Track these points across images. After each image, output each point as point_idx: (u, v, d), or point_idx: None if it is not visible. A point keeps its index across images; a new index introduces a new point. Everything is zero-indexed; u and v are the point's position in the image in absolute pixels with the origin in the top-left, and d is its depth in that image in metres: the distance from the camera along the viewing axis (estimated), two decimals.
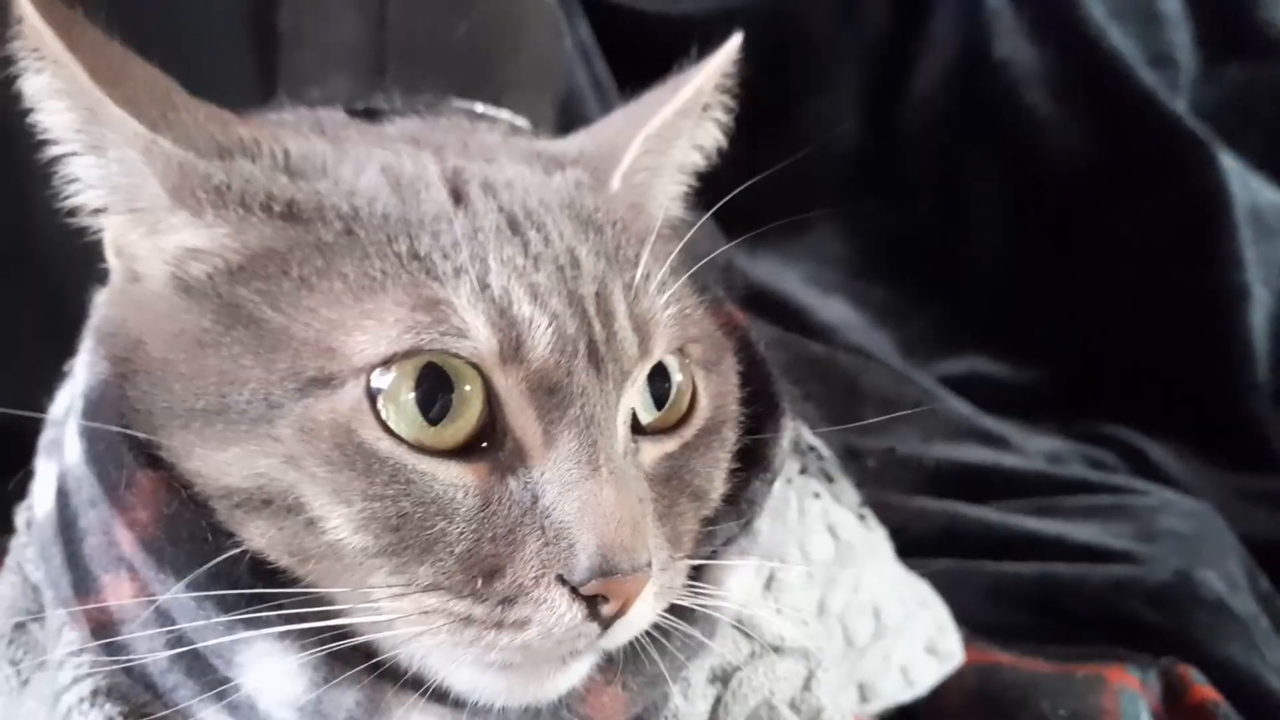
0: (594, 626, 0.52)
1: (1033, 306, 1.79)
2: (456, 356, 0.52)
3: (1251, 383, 1.62)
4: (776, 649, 0.67)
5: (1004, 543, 1.21)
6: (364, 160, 0.58)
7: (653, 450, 0.59)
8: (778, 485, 0.68)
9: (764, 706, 0.65)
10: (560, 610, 0.51)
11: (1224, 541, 1.23)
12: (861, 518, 0.91)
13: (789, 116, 1.91)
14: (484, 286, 0.53)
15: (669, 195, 0.69)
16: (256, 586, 0.53)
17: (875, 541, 0.97)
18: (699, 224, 0.67)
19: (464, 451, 0.53)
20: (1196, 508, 1.30)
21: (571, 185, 0.62)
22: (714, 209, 0.69)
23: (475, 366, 0.53)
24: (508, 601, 0.51)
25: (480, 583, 0.51)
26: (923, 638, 0.99)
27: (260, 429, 0.52)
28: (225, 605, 0.53)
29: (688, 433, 0.60)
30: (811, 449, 0.89)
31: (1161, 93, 1.75)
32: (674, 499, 0.59)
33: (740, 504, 0.64)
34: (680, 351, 0.61)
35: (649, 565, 0.52)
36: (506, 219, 0.57)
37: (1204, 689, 0.97)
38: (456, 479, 0.52)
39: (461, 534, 0.52)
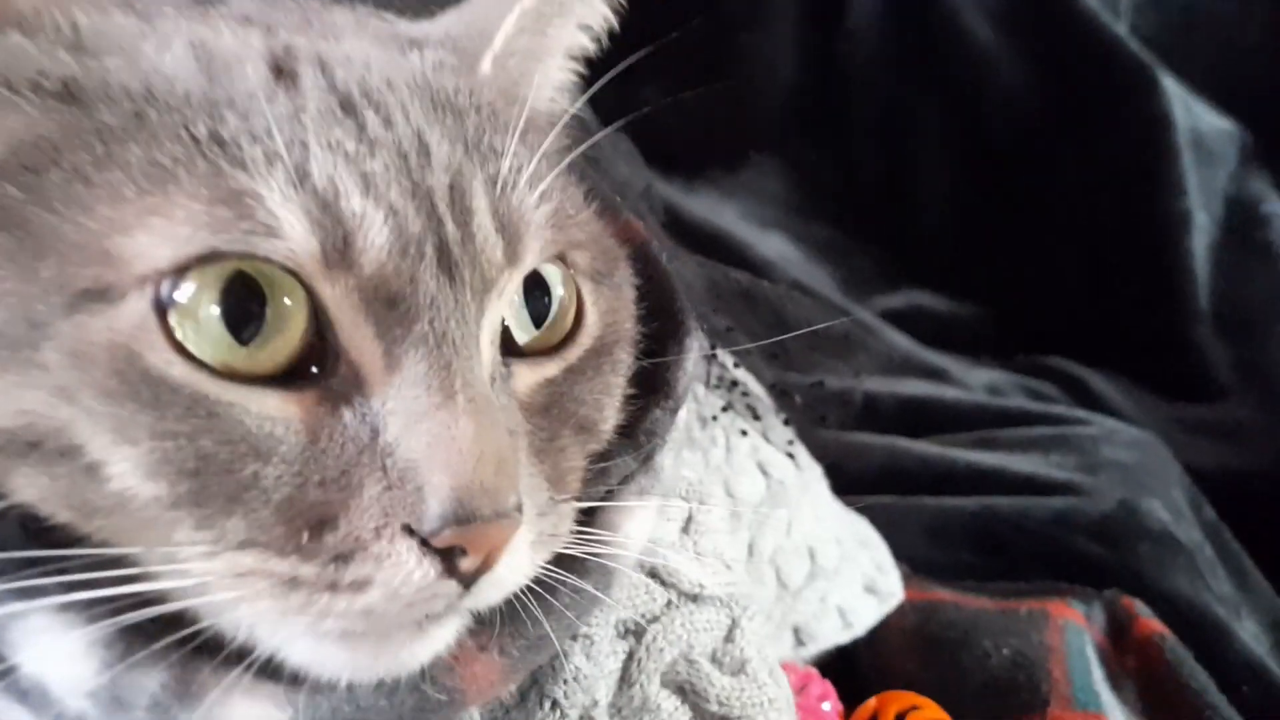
0: (452, 584, 0.45)
1: (974, 239, 1.76)
2: (268, 261, 0.44)
3: (1193, 310, 1.59)
4: (694, 598, 0.61)
5: (943, 477, 1.17)
6: (171, 35, 0.49)
7: (529, 375, 0.52)
8: (686, 416, 0.61)
9: (682, 661, 0.59)
10: (408, 567, 0.44)
11: (1168, 471, 1.20)
12: (790, 455, 0.85)
13: (724, 50, 1.84)
14: (302, 176, 0.45)
15: (552, 84, 0.61)
16: (29, 548, 0.44)
17: (809, 480, 0.92)
18: (601, 134, 0.59)
19: (285, 378, 0.45)
20: (1139, 437, 1.27)
21: (429, 66, 0.53)
22: (619, 124, 0.62)
23: (294, 274, 0.44)
24: (342, 559, 0.44)
25: (306, 536, 0.44)
26: (861, 577, 0.95)
27: (22, 355, 0.43)
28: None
29: (572, 354, 0.54)
30: (736, 384, 0.83)
31: (1103, 16, 1.70)
32: (555, 431, 0.52)
33: (638, 436, 0.57)
34: (562, 260, 0.54)
35: (518, 509, 0.46)
36: (339, 99, 0.48)
37: (1150, 622, 0.94)
38: (274, 411, 0.44)
39: (280, 478, 0.44)
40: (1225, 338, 1.58)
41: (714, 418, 0.80)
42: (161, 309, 0.43)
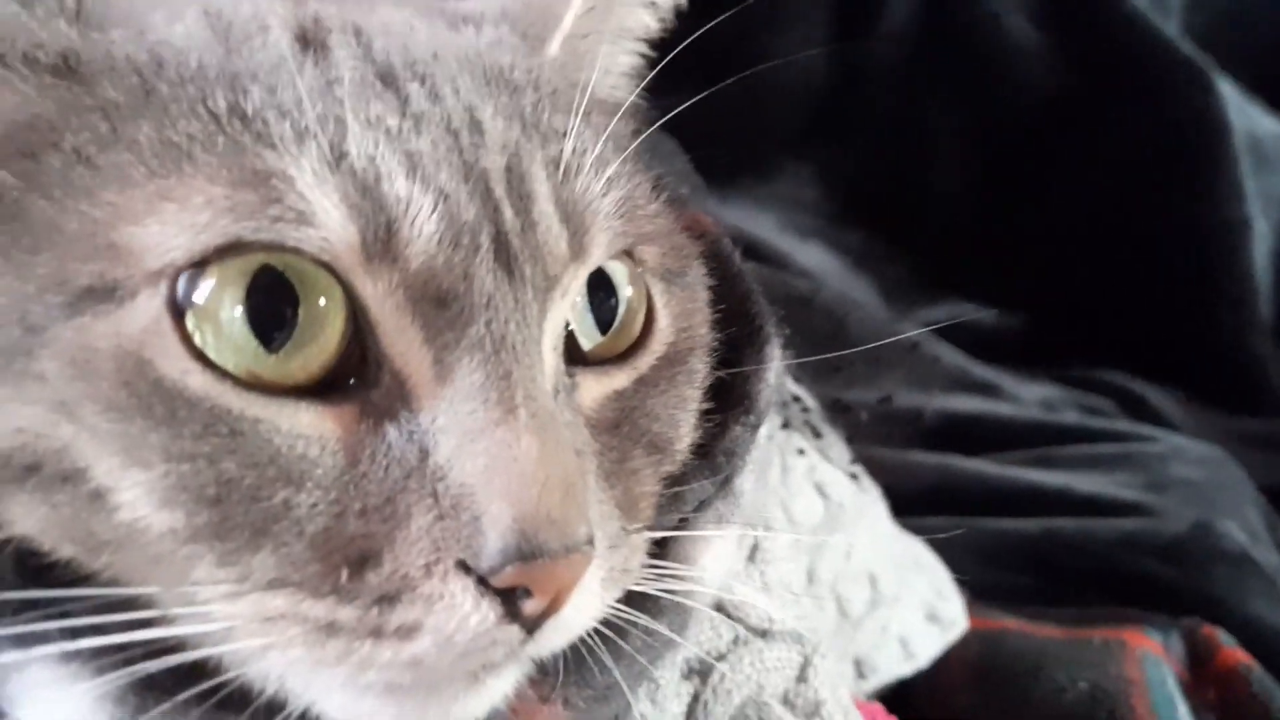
0: (514, 630, 0.39)
1: (1017, 248, 1.70)
2: (299, 253, 0.38)
3: (1252, 320, 1.53)
4: (764, 634, 0.55)
5: (1002, 498, 1.12)
6: (183, 4, 0.44)
7: (596, 386, 0.46)
8: (761, 434, 0.55)
9: (751, 704, 0.53)
10: (463, 610, 0.38)
11: (1241, 489, 1.14)
12: (854, 476, 0.80)
13: (754, 55, 1.79)
14: (339, 155, 0.39)
15: (617, 69, 0.56)
16: (28, 587, 0.38)
17: (867, 501, 0.87)
18: (663, 120, 0.54)
19: (320, 391, 0.40)
20: (1209, 453, 1.21)
21: (483, 42, 0.48)
22: (666, 119, 0.57)
23: (329, 268, 0.39)
24: (386, 601, 0.38)
25: (346, 575, 0.38)
26: (921, 605, 0.90)
27: (16, 365, 0.38)
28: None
29: (643, 363, 0.48)
30: (796, 399, 0.78)
31: (1152, 16, 1.64)
32: (626, 451, 0.46)
33: (716, 457, 0.51)
34: (630, 256, 0.48)
35: (589, 543, 0.40)
36: (377, 71, 0.43)
37: (1233, 651, 0.88)
38: (308, 428, 0.39)
39: (315, 507, 0.38)
40: None
41: (769, 435, 0.76)
42: (177, 310, 0.38)
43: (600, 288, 0.47)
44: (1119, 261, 1.64)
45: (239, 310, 0.38)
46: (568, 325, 0.46)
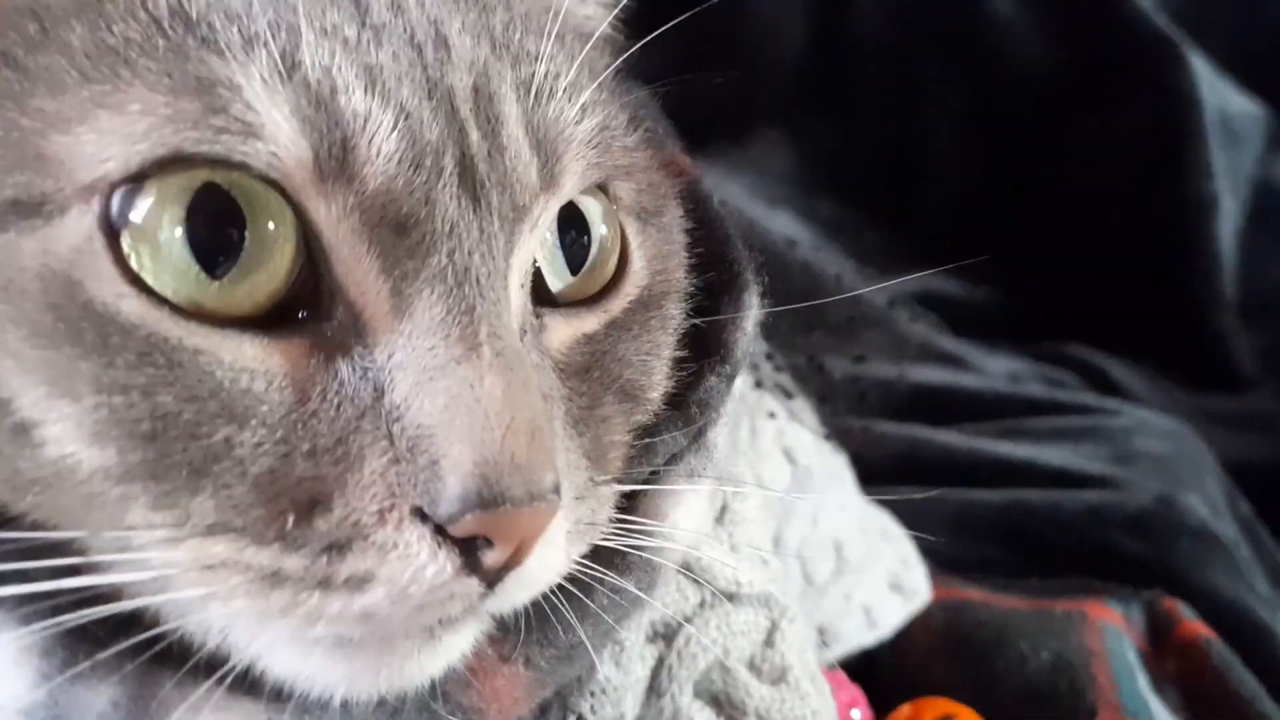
0: (473, 583, 0.37)
1: (988, 221, 1.69)
2: (246, 169, 0.36)
3: (1217, 297, 1.53)
4: (731, 596, 0.53)
5: (968, 468, 1.11)
6: None
7: (565, 329, 0.44)
8: (736, 387, 0.53)
9: (717, 668, 0.52)
10: (419, 560, 0.36)
11: (1203, 463, 1.14)
12: (827, 438, 0.78)
13: (732, 20, 1.77)
14: (291, 65, 0.37)
15: None
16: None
17: (835, 467, 0.86)
18: (637, 47, 0.51)
19: (268, 322, 0.37)
20: (1173, 427, 1.21)
21: None
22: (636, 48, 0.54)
23: (278, 188, 0.36)
24: (336, 549, 0.36)
25: (292, 520, 0.36)
26: (886, 574, 0.89)
27: None
28: None
29: (615, 306, 0.46)
30: (769, 357, 0.77)
31: None
32: (596, 397, 0.44)
33: (689, 408, 0.49)
34: (604, 192, 0.46)
35: (555, 491, 0.38)
36: None
37: (1194, 624, 0.88)
38: (253, 361, 0.36)
39: (260, 446, 0.36)
40: (1250, 326, 1.52)
41: (739, 395, 0.74)
42: (111, 229, 0.36)
43: (572, 225, 0.44)
44: (1085, 235, 1.64)
45: (179, 231, 0.36)
46: (535, 262, 0.43)
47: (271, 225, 0.37)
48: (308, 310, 0.38)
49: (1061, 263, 1.64)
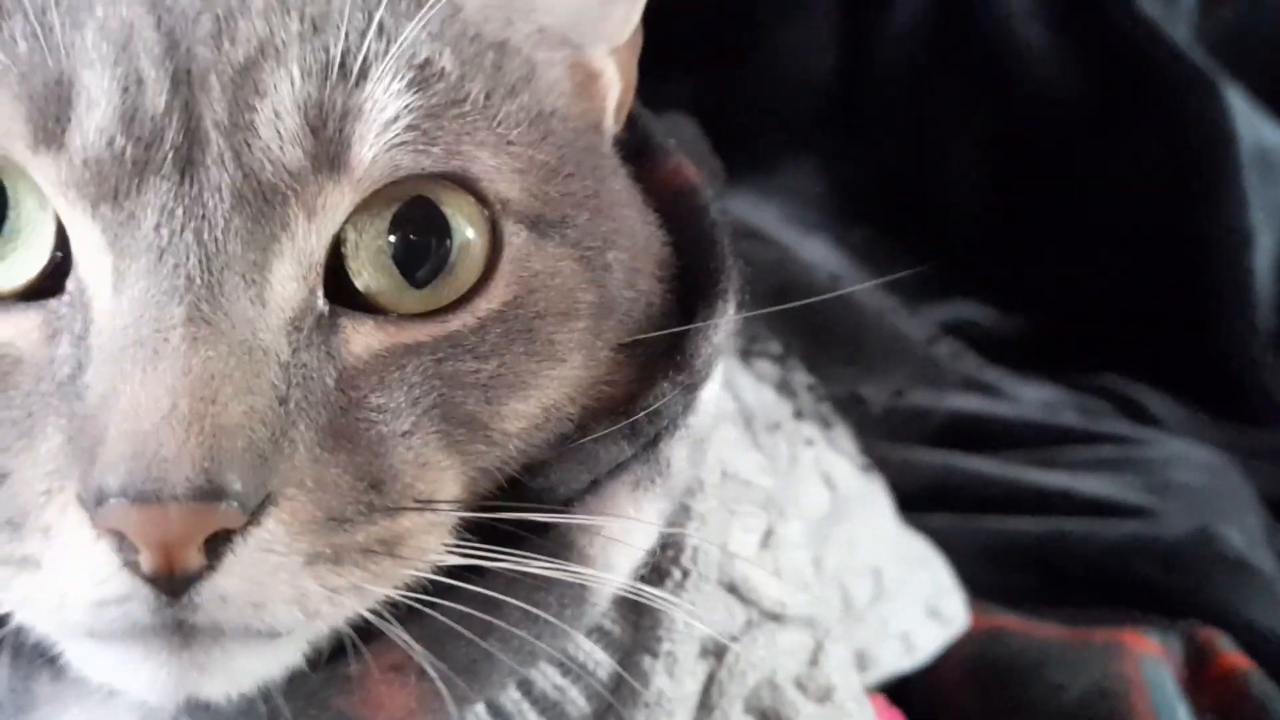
0: (144, 588, 0.35)
1: (1019, 249, 1.69)
2: None
3: (1253, 330, 1.53)
4: (777, 618, 0.54)
5: (1004, 497, 1.11)
6: None
7: (374, 335, 0.40)
8: (704, 401, 0.48)
9: (765, 686, 0.52)
10: (77, 550, 0.34)
11: (1240, 495, 1.14)
12: (866, 467, 0.79)
13: (760, 46, 1.79)
14: (26, 32, 0.37)
15: None
16: None
17: (873, 494, 0.87)
18: None
19: (28, 294, 0.38)
20: (1210, 459, 1.21)
21: None
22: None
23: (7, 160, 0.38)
24: (12, 526, 0.35)
25: None
26: (923, 600, 0.89)
27: None
28: None
29: (458, 320, 0.41)
30: (810, 388, 0.78)
31: (1162, 23, 1.64)
32: (403, 415, 0.40)
33: (634, 413, 0.45)
34: (468, 189, 0.41)
35: (218, 497, 0.34)
36: None
37: (1232, 655, 0.88)
38: None
39: None
40: None
41: (777, 425, 0.75)
42: None
43: (423, 225, 0.41)
44: (1122, 266, 1.64)
45: None
46: (338, 256, 0.40)
47: (31, 204, 0.38)
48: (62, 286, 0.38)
49: (1094, 292, 1.64)
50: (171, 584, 0.35)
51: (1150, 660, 0.87)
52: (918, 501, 1.03)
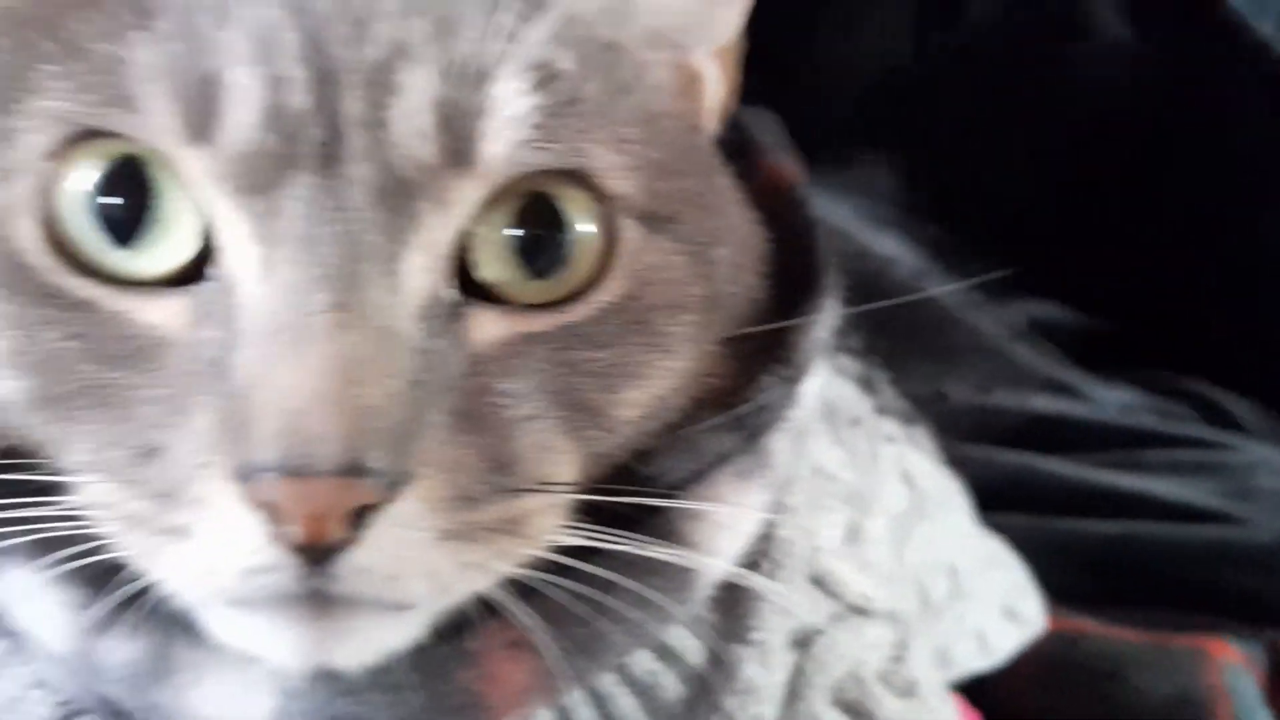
0: (288, 558, 0.36)
1: (1099, 249, 1.66)
2: (130, 139, 0.39)
3: None
4: (861, 611, 0.55)
5: (1081, 498, 1.10)
6: None
7: (500, 323, 0.42)
8: (807, 395, 0.50)
9: (850, 679, 0.53)
10: (228, 521, 0.36)
11: None
12: (944, 464, 0.79)
13: (836, 41, 1.78)
14: (177, 33, 0.39)
15: None
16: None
17: (951, 492, 0.86)
18: None
19: (170, 280, 0.40)
20: None
21: None
22: None
23: (163, 155, 0.40)
24: (167, 497, 0.37)
25: (137, 464, 0.38)
26: (999, 600, 0.89)
27: None
28: None
29: (577, 311, 0.43)
30: (894, 383, 0.78)
31: (1250, 17, 1.60)
32: (527, 400, 0.41)
33: (737, 406, 0.46)
34: (586, 185, 0.43)
35: (362, 472, 0.36)
36: None
37: None
38: (134, 313, 0.40)
39: (113, 387, 0.39)
40: None
41: (858, 420, 0.75)
42: (45, 190, 0.40)
43: (545, 219, 0.42)
44: (1206, 267, 1.60)
45: (83, 197, 0.40)
46: (467, 248, 0.42)
47: (177, 195, 0.40)
48: (208, 275, 0.40)
49: (1175, 294, 1.61)
50: (316, 555, 0.36)
51: (1233, 668, 0.85)
52: (994, 501, 1.02)
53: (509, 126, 0.40)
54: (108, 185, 0.40)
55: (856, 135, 1.78)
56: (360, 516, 0.37)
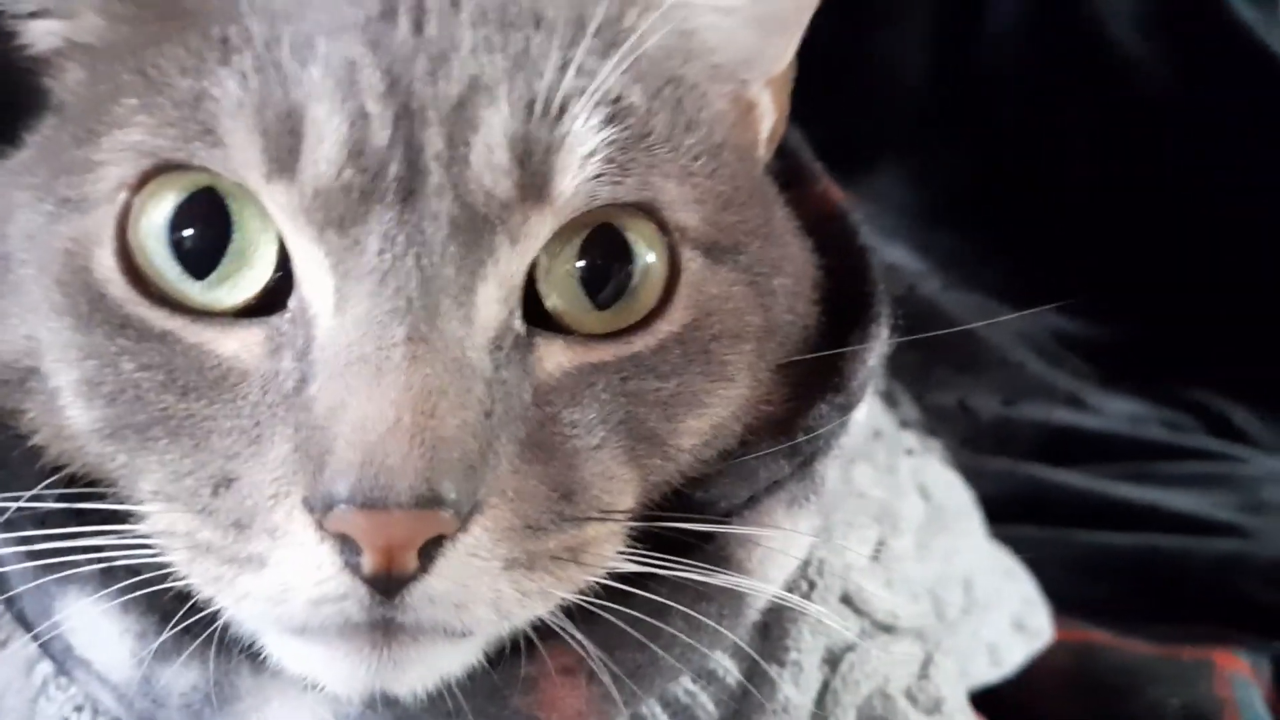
0: (361, 588, 0.37)
1: (1110, 261, 1.67)
2: (211, 172, 0.40)
3: None
4: (889, 629, 0.56)
5: (1092, 510, 1.11)
6: None
7: (566, 353, 0.42)
8: (857, 420, 0.50)
9: (878, 695, 0.54)
10: (302, 551, 0.37)
11: None
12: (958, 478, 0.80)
13: (854, 51, 1.78)
14: (261, 66, 0.40)
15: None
16: (67, 503, 0.41)
17: (965, 503, 0.87)
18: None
19: (245, 311, 0.41)
20: None
21: None
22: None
23: (246, 189, 0.41)
24: (240, 527, 0.38)
25: (209, 493, 0.38)
26: (1010, 613, 0.90)
27: (16, 272, 0.43)
28: (38, 536, 0.40)
29: (639, 342, 0.43)
30: (916, 399, 0.79)
31: (1259, 28, 1.61)
32: (591, 430, 0.42)
33: (795, 433, 0.46)
34: (651, 217, 0.43)
35: (439, 504, 0.36)
36: None
37: None
38: (210, 344, 0.40)
39: (192, 418, 0.39)
40: None
41: (878, 433, 0.76)
42: (122, 223, 0.41)
43: (609, 251, 0.43)
44: (1218, 280, 1.61)
45: (160, 227, 0.41)
46: (534, 278, 0.43)
47: (255, 227, 0.41)
48: (280, 305, 0.41)
49: (1183, 305, 1.61)
50: (388, 585, 0.37)
51: (1240, 680, 0.86)
52: (1004, 513, 1.03)
53: (583, 161, 0.41)
54: (185, 217, 0.41)
55: (877, 145, 1.79)
56: (430, 547, 0.37)
